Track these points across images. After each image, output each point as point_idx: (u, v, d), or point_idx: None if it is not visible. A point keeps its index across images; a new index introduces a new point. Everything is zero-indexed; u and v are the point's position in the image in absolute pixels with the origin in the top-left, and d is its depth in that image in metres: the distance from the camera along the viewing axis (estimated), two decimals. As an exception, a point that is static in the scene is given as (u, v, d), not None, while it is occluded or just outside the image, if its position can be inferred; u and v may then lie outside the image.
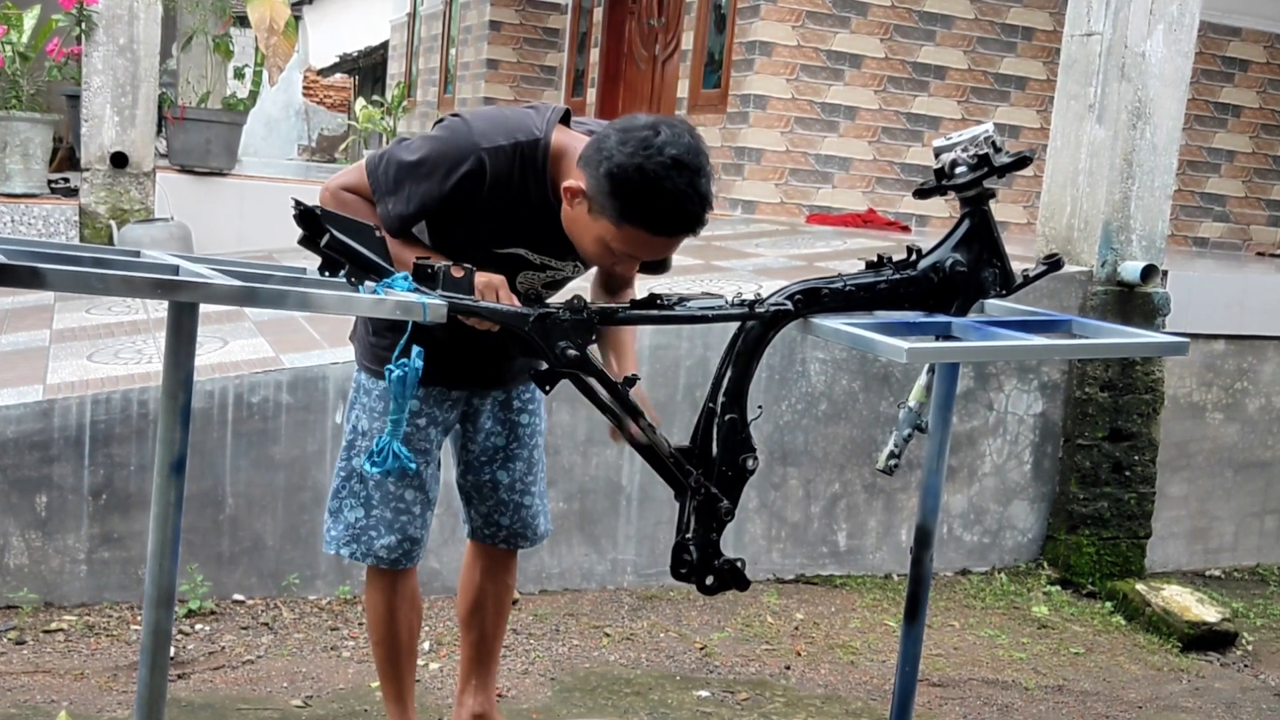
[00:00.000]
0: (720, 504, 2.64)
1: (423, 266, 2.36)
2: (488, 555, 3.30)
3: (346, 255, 2.28)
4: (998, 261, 2.86)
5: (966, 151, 2.78)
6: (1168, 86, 5.69)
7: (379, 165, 2.69)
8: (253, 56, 9.49)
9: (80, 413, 4.26)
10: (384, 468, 2.40)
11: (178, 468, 2.21)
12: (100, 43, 6.85)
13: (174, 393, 2.19)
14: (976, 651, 4.84)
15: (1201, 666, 5.01)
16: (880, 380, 5.42)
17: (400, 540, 3.01)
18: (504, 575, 3.34)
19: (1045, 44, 9.29)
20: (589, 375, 2.49)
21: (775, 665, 4.48)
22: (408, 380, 2.31)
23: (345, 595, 4.58)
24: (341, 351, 4.64)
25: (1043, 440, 5.83)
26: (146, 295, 2.08)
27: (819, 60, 8.88)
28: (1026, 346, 2.68)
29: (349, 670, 4.08)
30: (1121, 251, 5.73)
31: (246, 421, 4.44)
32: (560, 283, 2.94)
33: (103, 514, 4.29)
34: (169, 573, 2.23)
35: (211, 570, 4.43)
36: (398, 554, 3.02)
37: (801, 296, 2.68)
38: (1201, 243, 10.29)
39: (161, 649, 2.27)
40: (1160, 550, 6.16)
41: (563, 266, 2.86)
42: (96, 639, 4.11)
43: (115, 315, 5.58)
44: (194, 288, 2.11)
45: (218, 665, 4.02)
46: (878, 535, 5.53)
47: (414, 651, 3.23)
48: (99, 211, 6.98)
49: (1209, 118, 10.03)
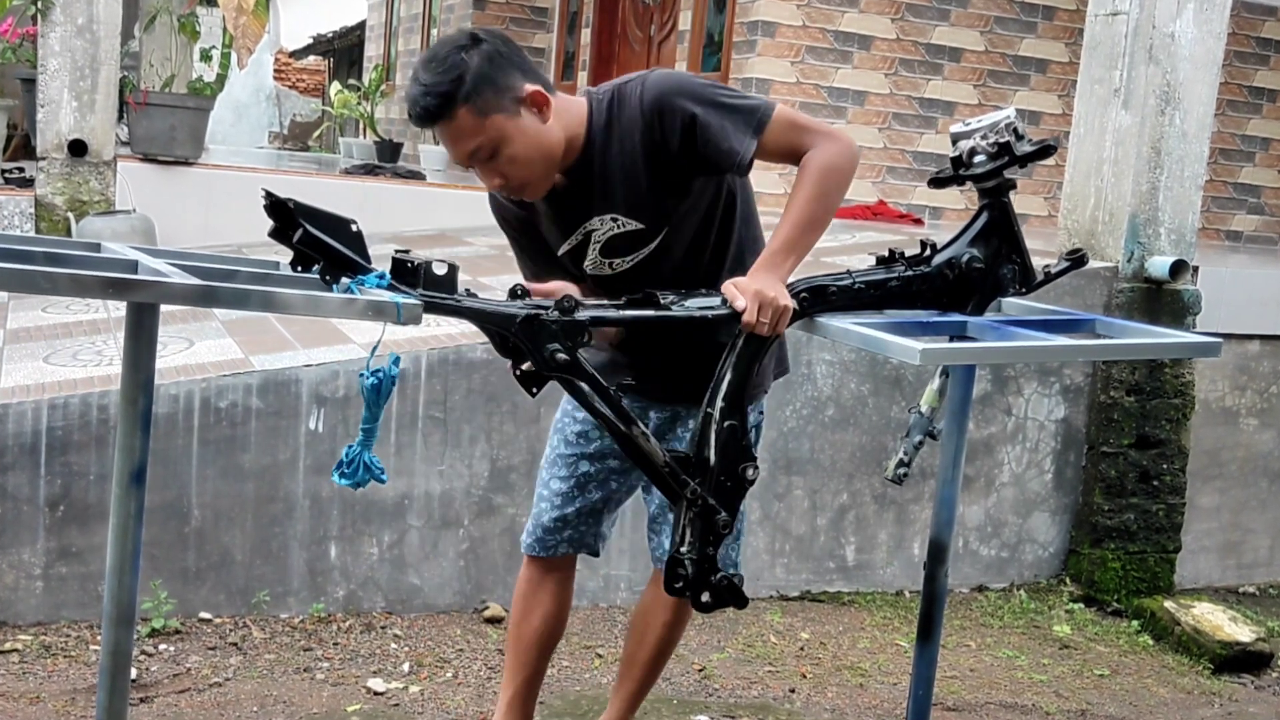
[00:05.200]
0: (718, 516, 2.64)
1: (402, 262, 2.35)
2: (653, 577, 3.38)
3: (321, 251, 2.27)
4: (1017, 257, 2.87)
5: (986, 139, 2.78)
6: (1198, 69, 5.70)
7: None
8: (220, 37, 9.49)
9: (36, 418, 4.25)
10: (353, 480, 2.39)
11: (138, 477, 2.20)
12: (57, 23, 6.84)
13: (133, 397, 2.19)
14: (994, 673, 4.84)
15: (1234, 690, 5.01)
16: (891, 383, 5.42)
17: (534, 526, 3.25)
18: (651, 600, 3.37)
19: (1067, 24, 9.28)
20: (579, 379, 2.49)
21: (779, 688, 4.48)
22: (382, 389, 2.30)
23: (319, 613, 4.58)
24: (315, 353, 4.64)
25: (1065, 448, 5.83)
26: (97, 295, 2.07)
27: (825, 41, 8.88)
28: (1048, 347, 2.68)
29: (323, 693, 4.08)
30: (1149, 246, 5.73)
31: (214, 428, 4.43)
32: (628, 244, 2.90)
33: (60, 526, 4.28)
34: (129, 589, 2.23)
35: (176, 587, 4.42)
36: (530, 540, 3.26)
37: (807, 294, 2.68)
38: (1235, 236, 10.30)
39: (122, 671, 2.26)
40: (1190, 565, 6.16)
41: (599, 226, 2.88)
42: (53, 660, 4.10)
43: (74, 314, 5.57)
44: (147, 287, 2.10)
45: (183, 688, 4.01)
46: (888, 549, 5.53)
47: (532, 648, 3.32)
48: (56, 203, 6.97)
49: (1242, 103, 10.03)
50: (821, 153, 2.69)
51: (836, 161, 2.69)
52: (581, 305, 2.49)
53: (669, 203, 2.81)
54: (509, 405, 4.78)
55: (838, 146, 2.70)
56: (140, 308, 2.17)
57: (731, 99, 2.74)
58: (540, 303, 2.48)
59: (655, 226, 2.84)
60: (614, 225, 2.85)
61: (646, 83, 2.77)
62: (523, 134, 2.67)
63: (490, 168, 2.70)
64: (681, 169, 2.77)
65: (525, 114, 2.67)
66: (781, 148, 2.72)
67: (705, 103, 2.71)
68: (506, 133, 2.65)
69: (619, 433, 2.57)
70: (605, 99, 2.81)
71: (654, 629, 3.35)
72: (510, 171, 2.71)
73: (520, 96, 2.66)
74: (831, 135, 2.72)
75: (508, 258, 3.30)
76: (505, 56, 2.67)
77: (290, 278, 2.35)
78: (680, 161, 2.75)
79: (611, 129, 2.78)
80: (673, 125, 2.71)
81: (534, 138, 2.69)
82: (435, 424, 4.71)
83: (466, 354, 4.72)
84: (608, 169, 2.80)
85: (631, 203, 2.82)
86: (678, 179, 2.79)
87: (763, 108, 2.73)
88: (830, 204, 2.72)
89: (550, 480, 3.23)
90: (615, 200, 2.82)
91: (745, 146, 2.69)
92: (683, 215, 2.85)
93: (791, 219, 2.69)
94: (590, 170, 2.80)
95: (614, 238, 2.86)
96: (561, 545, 3.26)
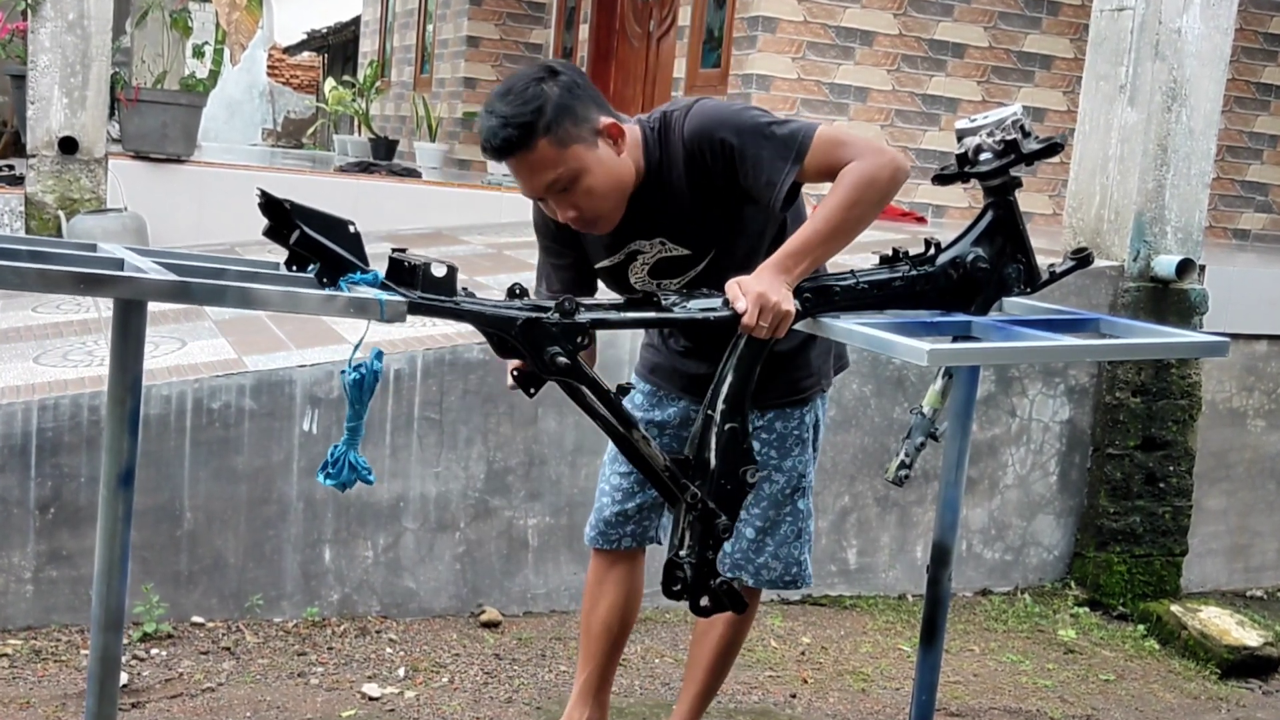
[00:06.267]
0: (718, 520, 2.63)
1: (400, 263, 2.34)
2: None
3: (317, 252, 2.26)
4: (1022, 256, 2.86)
5: (992, 136, 2.78)
6: (1205, 65, 5.69)
7: None
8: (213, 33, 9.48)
9: (26, 419, 4.24)
10: (338, 480, 2.38)
11: (126, 479, 2.20)
12: (48, 18, 6.83)
13: (121, 398, 2.18)
14: (998, 678, 4.84)
15: (1242, 695, 5.01)
16: (893, 384, 5.41)
17: (597, 520, 3.38)
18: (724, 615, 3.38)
19: (1072, 19, 9.28)
20: (580, 382, 2.48)
21: (780, 693, 4.48)
22: (364, 384, 2.29)
23: (313, 617, 4.57)
24: (309, 353, 4.63)
25: (1070, 449, 5.83)
26: (68, 291, 2.05)
27: (827, 37, 8.87)
28: (1053, 348, 2.67)
29: (317, 698, 4.07)
30: (1155, 245, 5.73)
31: (206, 429, 4.43)
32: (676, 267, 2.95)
33: (50, 529, 4.28)
34: (118, 593, 2.23)
35: (168, 590, 4.41)
36: (593, 533, 3.39)
37: (811, 295, 2.67)
38: (1242, 235, 10.29)
39: (111, 676, 2.26)
40: (1197, 569, 6.16)
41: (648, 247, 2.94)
42: (44, 665, 4.09)
43: (64, 314, 5.56)
44: (119, 283, 2.09)
45: (175, 693, 4.01)
46: (891, 552, 5.52)
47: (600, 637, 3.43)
48: (46, 201, 6.96)
49: (1250, 99, 10.03)
50: (862, 164, 2.67)
51: (876, 174, 2.66)
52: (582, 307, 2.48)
53: (718, 230, 2.86)
54: (506, 406, 4.78)
55: (881, 160, 2.67)
56: (127, 306, 2.16)
57: (772, 126, 2.74)
58: (540, 304, 2.47)
59: (701, 252, 2.90)
60: (661, 249, 2.92)
61: (690, 113, 2.81)
62: (601, 165, 2.73)
63: (566, 199, 2.74)
64: (728, 199, 2.81)
65: (602, 146, 2.73)
66: (823, 168, 2.71)
67: (746, 132, 2.73)
68: (586, 164, 2.70)
69: (618, 435, 2.57)
70: (655, 127, 2.87)
71: (715, 629, 3.38)
72: (585, 204, 2.75)
73: (598, 128, 2.72)
74: (877, 150, 2.69)
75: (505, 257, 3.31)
76: (582, 88, 2.72)
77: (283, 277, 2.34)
78: (726, 192, 2.80)
79: (661, 158, 2.84)
80: (715, 157, 2.75)
81: (610, 169, 2.75)
82: (431, 425, 4.71)
83: (463, 354, 4.71)
84: (659, 196, 2.85)
85: (678, 230, 2.89)
86: (725, 208, 2.84)
87: (803, 131, 2.72)
88: (861, 215, 2.69)
89: (611, 475, 3.34)
90: (662, 227, 2.89)
91: (783, 177, 2.70)
92: (732, 239, 2.89)
93: (815, 223, 2.68)
94: (644, 197, 2.85)
95: (661, 260, 2.93)
96: (625, 539, 3.36)
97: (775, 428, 3.17)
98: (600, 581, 3.43)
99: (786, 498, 3.22)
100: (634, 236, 2.92)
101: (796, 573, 3.28)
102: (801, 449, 3.22)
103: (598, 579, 3.43)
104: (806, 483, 3.26)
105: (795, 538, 3.25)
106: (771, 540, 3.24)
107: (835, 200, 2.67)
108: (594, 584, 3.44)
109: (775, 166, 2.69)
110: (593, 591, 3.45)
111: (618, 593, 3.42)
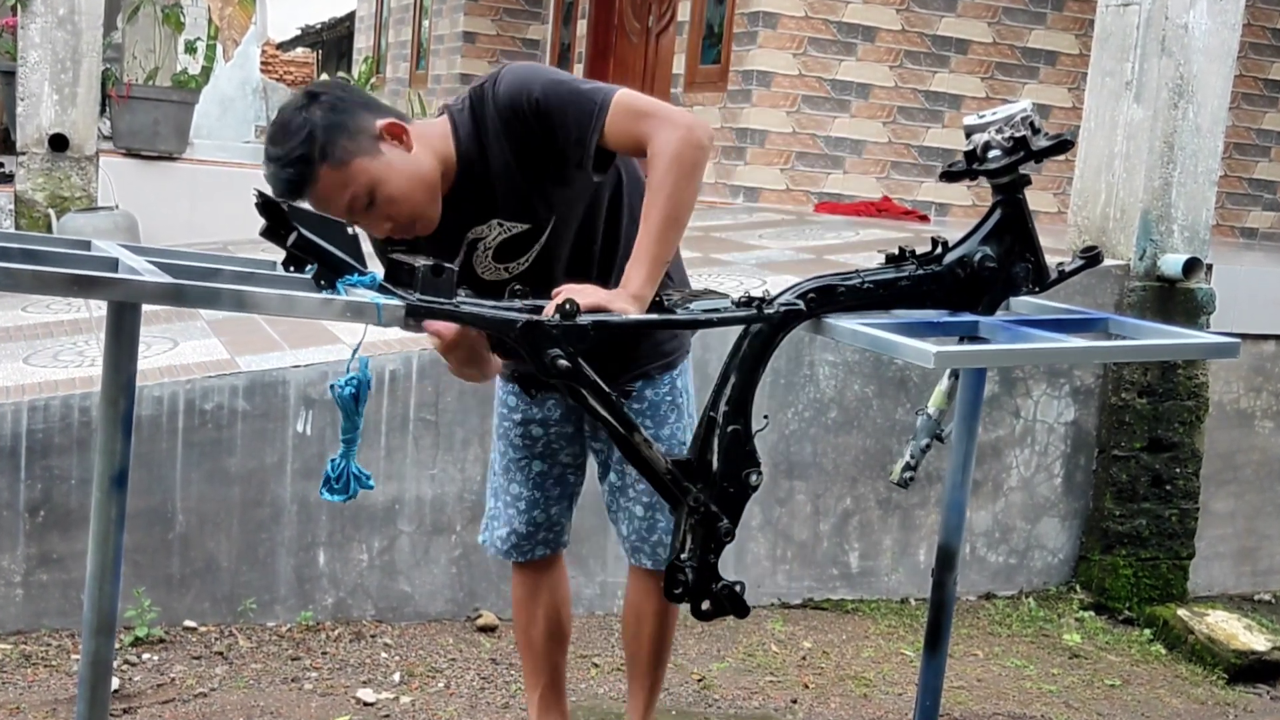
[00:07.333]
0: (720, 523, 2.63)
1: (398, 264, 2.34)
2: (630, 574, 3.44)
3: (314, 254, 2.25)
4: (1031, 255, 2.85)
5: (1001, 133, 2.77)
6: (1213, 62, 5.69)
7: None
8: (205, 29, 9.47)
9: (15, 420, 4.23)
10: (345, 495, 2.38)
11: (119, 481, 2.19)
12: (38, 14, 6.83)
13: (114, 399, 2.17)
14: (1002, 683, 4.83)
15: (1250, 700, 5.01)
16: (897, 385, 5.41)
17: (506, 532, 3.31)
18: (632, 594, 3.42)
19: (1078, 15, 9.29)
20: (580, 386, 2.47)
21: (780, 698, 4.47)
22: (360, 396, 2.29)
23: (307, 621, 4.56)
24: (303, 354, 4.62)
25: (1075, 451, 5.82)
26: (62, 293, 2.05)
27: (829, 33, 8.88)
28: (1063, 349, 2.66)
29: (311, 704, 4.06)
30: (1162, 243, 5.72)
31: (199, 430, 4.42)
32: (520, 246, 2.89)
33: (40, 532, 4.27)
34: (110, 597, 2.22)
35: (160, 594, 4.40)
36: (506, 546, 3.33)
37: (815, 295, 2.66)
38: (1250, 233, 10.29)
39: (102, 681, 2.25)
40: (1204, 572, 6.16)
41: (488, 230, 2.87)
42: (34, 669, 4.09)
43: (55, 314, 5.56)
44: (114, 285, 2.08)
45: (167, 698, 4.00)
46: (894, 555, 5.52)
47: (545, 649, 3.43)
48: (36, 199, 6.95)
49: (1258, 96, 10.03)
50: (662, 143, 2.62)
51: (680, 149, 2.61)
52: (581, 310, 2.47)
53: (551, 196, 2.81)
54: (503, 407, 4.76)
55: (678, 132, 2.62)
56: (121, 307, 2.15)
57: (577, 84, 2.73)
58: (540, 304, 2.46)
59: (541, 223, 2.85)
60: (501, 230, 2.86)
61: (499, 79, 2.76)
62: (391, 169, 2.65)
63: (373, 215, 2.67)
64: (550, 162, 2.76)
65: (386, 150, 2.65)
66: (626, 140, 2.68)
67: (552, 89, 2.69)
68: (374, 174, 2.62)
69: (620, 438, 2.55)
70: (464, 107, 2.81)
71: (646, 621, 3.37)
72: (394, 211, 2.68)
73: (375, 134, 2.64)
74: (670, 120, 2.64)
75: (502, 255, 3.28)
76: (347, 101, 2.66)
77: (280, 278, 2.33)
78: (547, 154, 2.75)
79: (479, 136, 2.78)
80: (530, 116, 2.70)
81: (404, 170, 2.67)
82: (427, 427, 4.70)
83: (459, 354, 4.69)
84: (486, 176, 2.79)
85: (511, 205, 2.82)
86: (551, 171, 2.78)
87: (602, 94, 2.68)
88: (684, 197, 2.65)
89: (509, 485, 3.29)
90: (496, 205, 2.83)
91: (589, 136, 2.67)
92: (569, 203, 2.85)
93: (645, 228, 2.66)
94: (469, 183, 2.80)
95: (504, 242, 2.87)
96: (538, 548, 3.35)
97: (645, 396, 3.13)
98: (531, 593, 3.38)
99: None
100: (468, 226, 2.85)
101: None
102: (678, 415, 3.18)
103: (527, 593, 3.39)
104: None
105: None
106: (662, 515, 3.19)
107: (654, 196, 2.64)
108: (525, 598, 3.40)
109: (582, 125, 2.66)
110: (526, 605, 3.40)
111: (551, 599, 3.40)
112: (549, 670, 3.47)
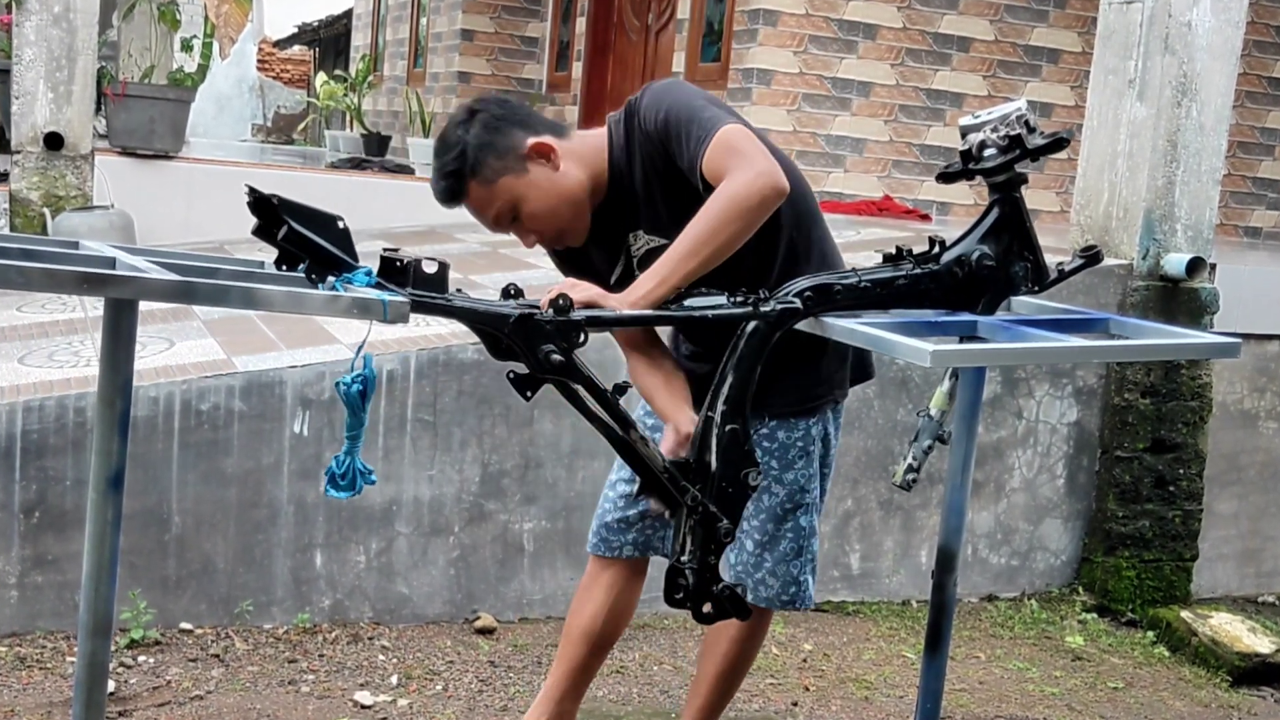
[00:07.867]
0: (719, 524, 2.63)
1: (391, 261, 2.34)
2: None
3: (306, 249, 2.25)
4: (1029, 254, 2.86)
5: (996, 132, 2.77)
6: (1216, 60, 5.69)
7: None
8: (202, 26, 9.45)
9: (10, 421, 4.23)
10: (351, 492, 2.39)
11: (115, 482, 2.19)
12: (32, 11, 6.83)
13: (111, 399, 2.18)
14: (1004, 686, 4.83)
15: (1254, 703, 5.01)
16: (898, 386, 5.41)
17: (598, 525, 3.33)
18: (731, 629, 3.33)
19: (1080, 12, 9.28)
20: (575, 382, 2.48)
21: (781, 701, 4.48)
22: (367, 392, 2.29)
23: (304, 624, 4.56)
24: (300, 354, 4.63)
25: (1077, 452, 5.83)
26: (71, 291, 2.06)
27: (829, 30, 8.87)
28: (1062, 349, 2.66)
29: (308, 706, 4.07)
30: (1165, 243, 5.73)
31: (195, 431, 4.42)
32: None
33: (35, 533, 4.27)
34: (106, 599, 2.22)
35: (156, 596, 4.41)
36: (595, 539, 3.34)
37: (812, 294, 2.67)
38: (1254, 233, 10.29)
39: (98, 683, 2.25)
40: (1208, 574, 6.16)
41: None
42: (28, 672, 4.09)
43: (50, 313, 5.56)
44: (124, 283, 2.09)
45: (163, 701, 4.00)
46: (895, 557, 5.52)
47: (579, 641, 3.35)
48: (31, 198, 6.95)
49: (1261, 94, 10.02)
50: (731, 183, 2.67)
51: (741, 192, 2.67)
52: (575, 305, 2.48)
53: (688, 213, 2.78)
54: (501, 408, 4.77)
55: (748, 178, 2.67)
56: (119, 306, 2.16)
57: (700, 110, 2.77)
58: (533, 301, 2.47)
59: None
60: (645, 241, 2.95)
61: (645, 93, 2.89)
62: (535, 188, 2.81)
63: (520, 228, 2.87)
64: (681, 177, 2.81)
65: (533, 168, 2.81)
66: (716, 172, 2.72)
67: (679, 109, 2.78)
68: (518, 192, 2.80)
69: (615, 437, 2.56)
70: (620, 119, 2.93)
71: (721, 644, 3.36)
72: (537, 226, 2.86)
73: (523, 153, 2.79)
74: (751, 163, 2.68)
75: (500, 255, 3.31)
76: (501, 118, 2.81)
77: (275, 276, 2.34)
78: (675, 170, 2.82)
79: (628, 148, 2.89)
80: (659, 134, 2.80)
81: (548, 189, 2.82)
82: (424, 427, 4.70)
83: (457, 354, 4.71)
84: (631, 188, 2.90)
85: (650, 219, 2.92)
86: (684, 186, 2.81)
87: (713, 125, 2.73)
88: (721, 236, 2.68)
89: (616, 482, 3.31)
90: (640, 217, 2.93)
91: (696, 169, 2.74)
92: None
93: (674, 244, 2.71)
94: (619, 194, 2.91)
95: (648, 253, 2.93)
96: (626, 547, 3.30)
97: (778, 437, 3.11)
98: (590, 586, 3.36)
99: (787, 512, 3.15)
100: (622, 235, 2.95)
101: (795, 592, 3.21)
102: (806, 462, 3.14)
103: (588, 583, 3.37)
104: (809, 499, 3.18)
105: (795, 555, 3.18)
106: (769, 556, 3.17)
107: (698, 221, 2.68)
108: (584, 588, 3.38)
109: (692, 152, 2.73)
110: (581, 595, 3.38)
111: (605, 599, 3.33)
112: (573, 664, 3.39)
